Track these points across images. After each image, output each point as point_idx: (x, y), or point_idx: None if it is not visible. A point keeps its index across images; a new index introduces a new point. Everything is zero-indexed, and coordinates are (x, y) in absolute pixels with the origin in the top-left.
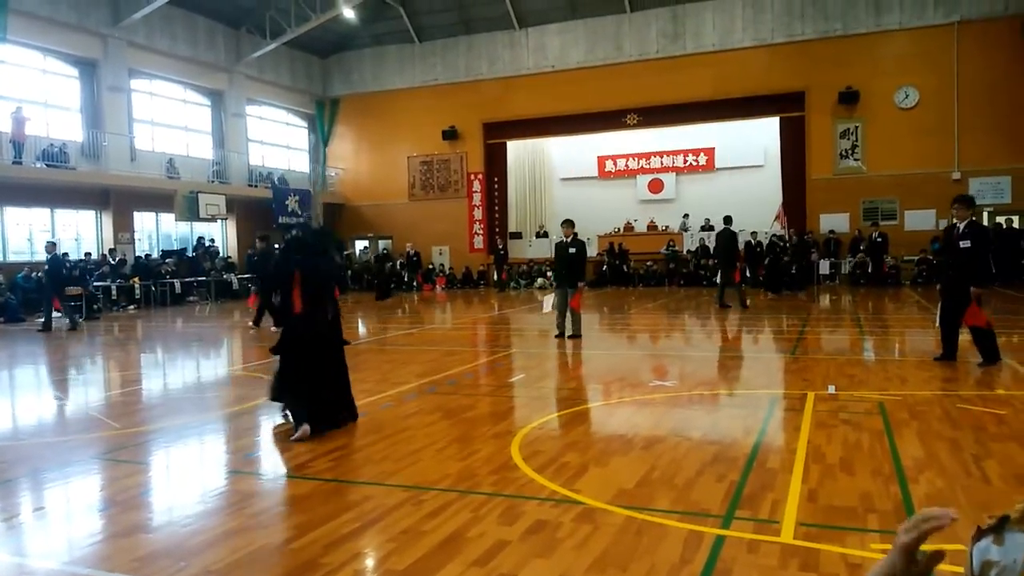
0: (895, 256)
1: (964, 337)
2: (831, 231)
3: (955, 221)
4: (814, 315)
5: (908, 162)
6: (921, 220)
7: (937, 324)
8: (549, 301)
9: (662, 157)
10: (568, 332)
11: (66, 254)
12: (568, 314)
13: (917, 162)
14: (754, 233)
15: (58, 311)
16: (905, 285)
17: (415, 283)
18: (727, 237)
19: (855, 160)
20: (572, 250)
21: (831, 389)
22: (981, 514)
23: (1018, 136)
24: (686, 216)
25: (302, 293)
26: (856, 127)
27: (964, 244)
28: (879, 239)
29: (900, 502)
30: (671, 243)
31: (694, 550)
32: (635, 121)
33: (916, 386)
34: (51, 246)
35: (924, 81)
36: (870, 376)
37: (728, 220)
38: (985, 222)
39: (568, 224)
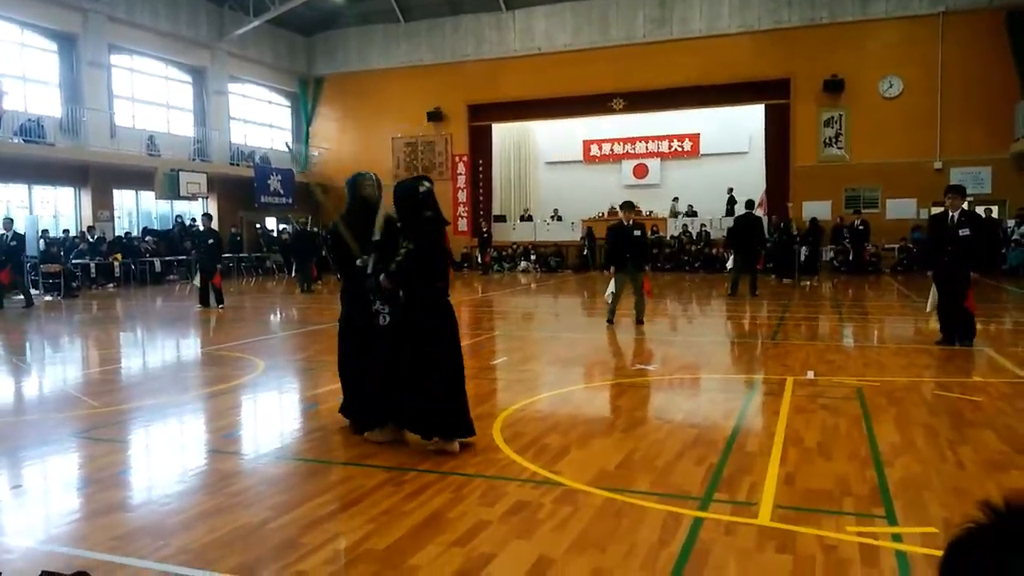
0: (876, 244)
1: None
2: (814, 219)
3: (948, 210)
4: (795, 301)
5: (891, 151)
6: (903, 209)
7: (929, 310)
8: (611, 289)
9: (647, 142)
10: (609, 318)
11: (45, 231)
12: (634, 300)
13: (900, 151)
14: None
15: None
16: (885, 273)
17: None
18: (750, 222)
19: (839, 148)
20: (637, 233)
21: (810, 374)
22: (956, 499)
23: (999, 127)
24: (676, 200)
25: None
26: (840, 115)
27: (964, 232)
28: (861, 227)
29: (876, 486)
30: (655, 228)
31: (672, 532)
32: (621, 106)
33: (894, 372)
34: (9, 222)
35: (908, 71)
36: (849, 362)
37: (750, 204)
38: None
39: (629, 207)
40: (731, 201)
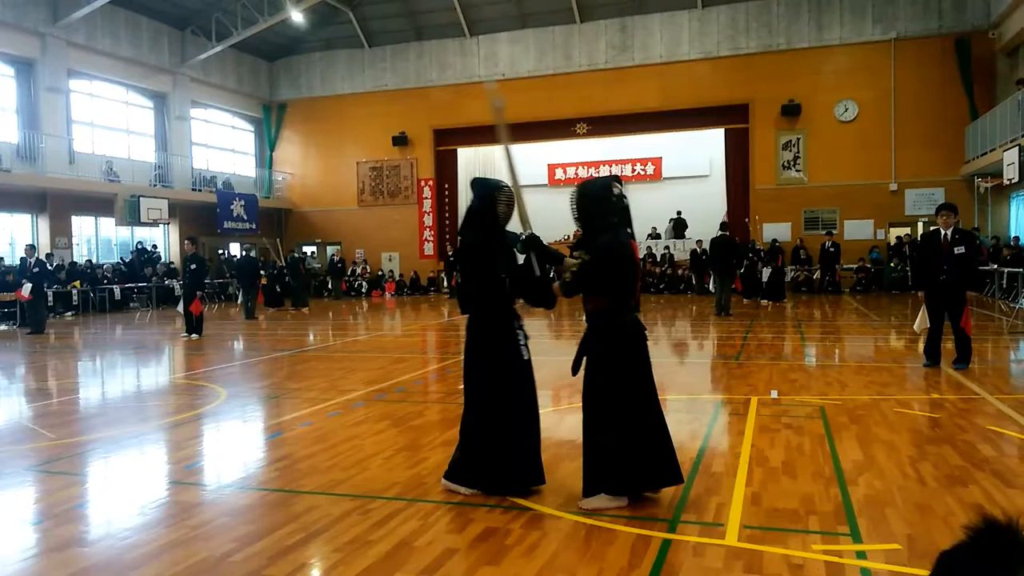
0: (836, 265)
1: (899, 343)
2: (774, 240)
3: (941, 228)
4: (758, 321)
5: (847, 173)
6: (860, 230)
7: (918, 329)
8: None
9: (611, 166)
10: None
11: (1, 258)
12: None
13: (856, 173)
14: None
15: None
16: (845, 293)
17: (339, 289)
18: (724, 244)
19: (797, 171)
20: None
21: (774, 394)
22: (918, 515)
23: (951, 149)
24: (671, 221)
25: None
26: (798, 139)
27: (959, 250)
28: (832, 248)
29: (840, 504)
30: None
31: (641, 554)
32: (584, 130)
33: (855, 391)
34: (31, 249)
35: (863, 95)
36: (811, 381)
37: (724, 226)
38: (919, 232)
39: None
40: (680, 224)
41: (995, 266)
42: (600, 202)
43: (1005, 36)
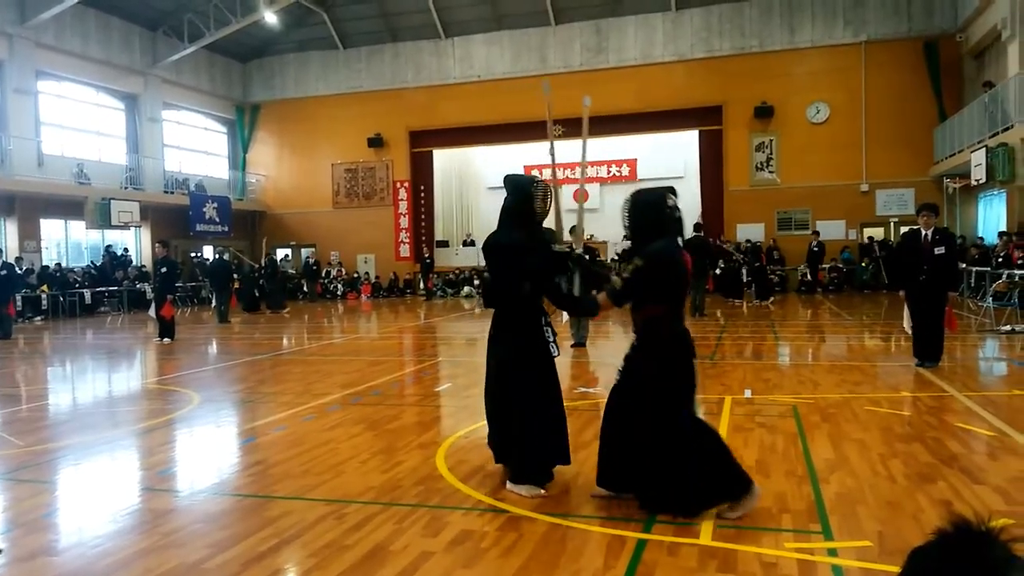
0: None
1: (874, 341)
2: (748, 240)
3: (922, 229)
4: (732, 321)
5: (819, 174)
6: (832, 230)
7: (906, 327)
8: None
9: (587, 167)
10: (574, 342)
11: None
12: (578, 322)
13: (828, 174)
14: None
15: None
16: (818, 292)
17: (314, 292)
18: (699, 245)
19: (770, 172)
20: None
21: (747, 393)
22: (888, 512)
23: (920, 151)
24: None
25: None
26: (771, 140)
27: (939, 251)
28: (816, 248)
29: (812, 502)
30: (595, 252)
31: (617, 554)
32: (559, 132)
33: (827, 389)
34: None
35: (834, 97)
36: (784, 380)
37: (698, 227)
38: (891, 232)
39: (573, 231)
40: None
41: (963, 265)
42: (655, 212)
43: (972, 39)
